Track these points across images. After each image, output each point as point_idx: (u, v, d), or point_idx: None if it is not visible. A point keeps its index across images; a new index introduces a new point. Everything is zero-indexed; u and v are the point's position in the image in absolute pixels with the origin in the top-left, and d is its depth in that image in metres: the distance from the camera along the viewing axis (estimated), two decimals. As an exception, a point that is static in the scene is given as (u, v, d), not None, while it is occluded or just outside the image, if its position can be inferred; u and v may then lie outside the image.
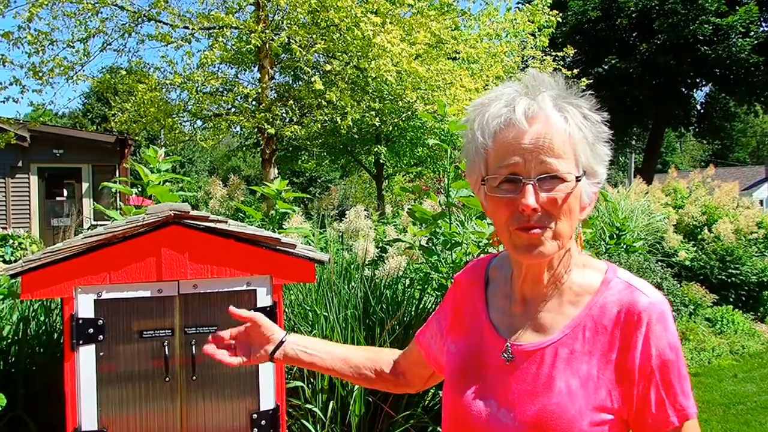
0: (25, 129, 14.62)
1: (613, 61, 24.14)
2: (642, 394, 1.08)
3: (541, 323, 1.16)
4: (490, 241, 3.12)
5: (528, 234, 1.09)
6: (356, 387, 2.79)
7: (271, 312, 2.25)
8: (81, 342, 2.07)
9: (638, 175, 13.13)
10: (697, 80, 25.95)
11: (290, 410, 2.69)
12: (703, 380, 5.89)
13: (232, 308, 1.38)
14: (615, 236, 7.33)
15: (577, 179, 1.09)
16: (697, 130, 28.56)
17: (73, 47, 9.41)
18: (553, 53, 12.07)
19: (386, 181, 18.61)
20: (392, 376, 1.48)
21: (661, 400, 1.08)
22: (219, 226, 2.20)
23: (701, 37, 22.61)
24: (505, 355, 1.16)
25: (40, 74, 9.14)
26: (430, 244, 3.48)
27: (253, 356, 1.42)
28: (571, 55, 12.58)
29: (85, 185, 18.18)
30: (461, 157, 1.22)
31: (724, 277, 8.45)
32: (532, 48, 11.95)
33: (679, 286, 7.63)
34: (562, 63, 11.58)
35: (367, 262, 4.02)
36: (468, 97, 8.35)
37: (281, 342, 1.43)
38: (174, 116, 9.99)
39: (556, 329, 1.14)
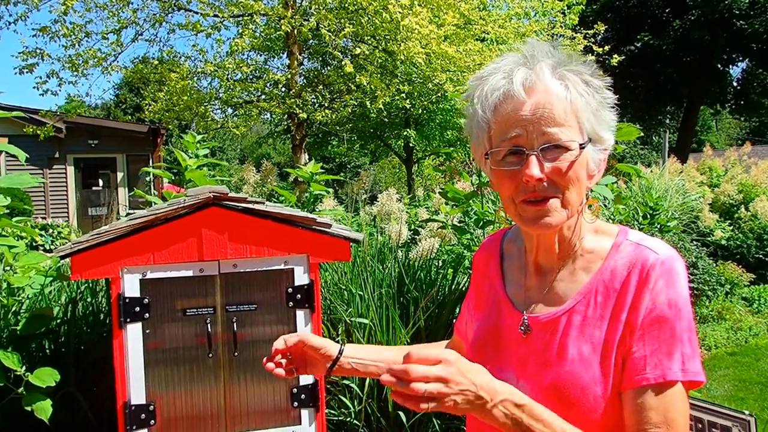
0: (61, 121, 14.91)
1: (646, 38, 23.66)
2: (630, 347, 1.06)
3: (555, 293, 1.16)
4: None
5: (534, 206, 1.08)
6: (392, 364, 2.84)
7: (308, 290, 2.31)
8: (128, 320, 2.16)
9: (672, 155, 12.90)
10: (734, 56, 25.32)
11: (328, 386, 2.76)
12: (740, 359, 5.83)
13: (276, 345, 1.33)
14: (649, 216, 7.25)
15: (582, 147, 1.08)
16: (733, 107, 27.90)
17: (107, 39, 9.59)
18: (584, 31, 11.90)
19: (416, 165, 18.60)
20: None
21: (643, 355, 1.05)
22: (257, 207, 2.26)
23: (737, 11, 22.02)
24: (522, 329, 1.16)
25: (76, 66, 9.34)
26: (463, 224, 3.51)
27: (309, 369, 1.40)
28: (602, 32, 12.38)
29: (119, 175, 18.53)
30: (466, 133, 1.22)
31: (761, 256, 8.30)
32: (561, 26, 11.80)
33: (714, 265, 7.54)
34: (593, 41, 11.40)
35: (400, 244, 4.06)
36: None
37: (337, 357, 1.38)
38: (206, 104, 10.12)
39: (569, 297, 1.13)
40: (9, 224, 2.35)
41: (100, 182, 18.87)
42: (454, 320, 3.13)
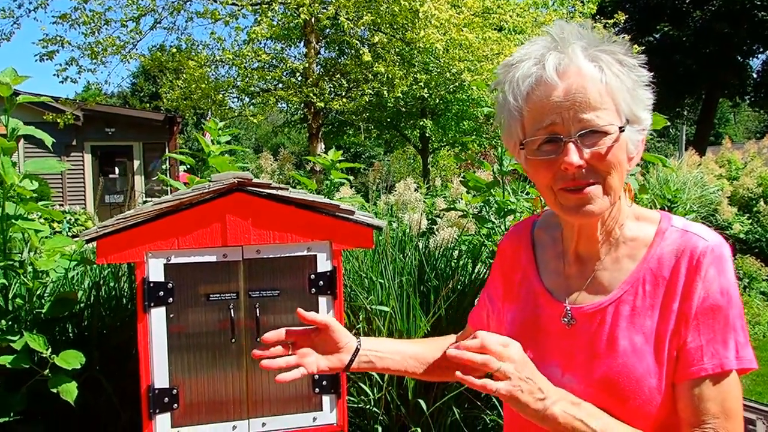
0: (78, 108, 15.02)
1: (665, 29, 23.38)
2: (684, 337, 1.03)
3: (599, 282, 1.12)
4: (544, 209, 3.11)
5: (575, 194, 1.05)
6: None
7: (331, 277, 2.31)
8: (152, 304, 2.17)
9: (690, 147, 12.78)
10: (754, 47, 24.95)
11: (349, 374, 2.76)
12: (758, 354, 5.77)
13: (300, 311, 1.23)
14: (666, 208, 7.19)
15: (621, 129, 1.04)
16: (753, 99, 27.54)
17: (126, 26, 9.63)
18: (603, 21, 11.78)
19: (431, 155, 18.56)
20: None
21: (699, 345, 1.02)
22: (281, 192, 2.26)
23: (759, 2, 21.69)
24: (565, 320, 1.12)
25: (96, 54, 9.39)
26: (483, 213, 3.49)
27: (320, 366, 1.27)
28: (622, 22, 12.26)
29: (136, 163, 18.66)
30: (496, 123, 1.19)
31: (780, 250, 8.21)
32: (580, 15, 11.69)
33: (733, 259, 7.46)
34: (612, 31, 11.26)
35: (419, 233, 4.06)
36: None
37: (356, 350, 1.29)
38: (223, 92, 10.15)
39: (615, 286, 1.10)
40: (36, 208, 2.37)
41: (117, 170, 19.00)
42: (475, 309, 3.13)
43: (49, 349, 2.24)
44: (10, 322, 2.44)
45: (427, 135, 16.42)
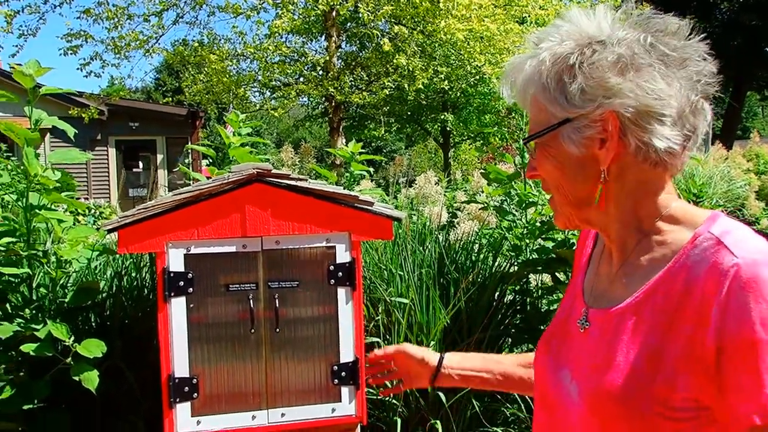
0: (103, 103, 15.20)
1: (692, 21, 23.00)
2: (718, 380, 0.87)
3: (617, 288, 1.02)
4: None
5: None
6: (432, 344, 2.83)
7: (350, 268, 2.31)
8: (173, 294, 2.18)
9: (717, 141, 12.58)
10: (784, 39, 24.47)
11: (368, 365, 2.75)
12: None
13: (372, 355, 1.52)
14: (692, 203, 7.08)
15: (544, 132, 0.98)
16: (782, 92, 27.03)
17: (149, 21, 9.72)
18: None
19: (452, 149, 18.49)
20: None
21: (739, 388, 0.85)
22: (300, 183, 2.26)
23: (789, -7, 21.26)
24: (580, 322, 1.05)
25: (119, 48, 9.49)
26: (504, 205, 3.47)
27: (414, 382, 1.46)
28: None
29: (159, 157, 18.86)
30: None
31: (810, 246, 8.05)
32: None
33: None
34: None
35: (439, 226, 4.04)
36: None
37: (438, 366, 1.42)
38: (244, 86, 10.20)
39: (630, 294, 0.98)
40: (59, 198, 2.40)
41: (140, 164, 19.23)
42: (495, 302, 3.12)
43: (72, 338, 2.27)
44: (34, 311, 2.47)
45: (448, 129, 16.37)
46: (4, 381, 2.28)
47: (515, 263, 3.21)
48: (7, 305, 2.50)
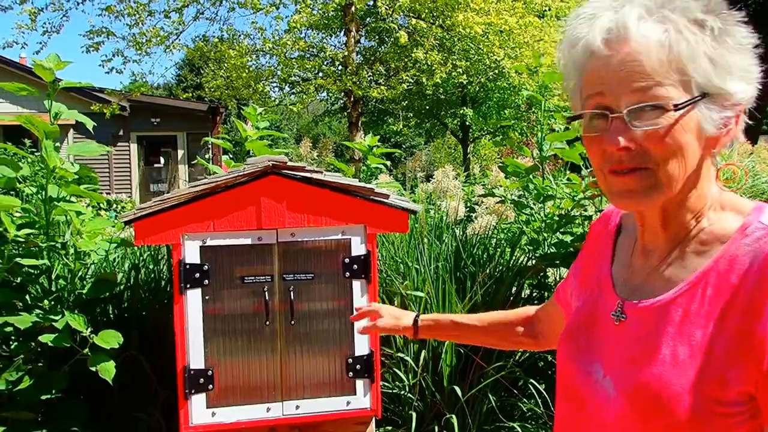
0: (125, 99, 15.36)
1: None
2: (762, 370, 0.83)
3: (658, 279, 0.97)
4: (585, 195, 3.04)
5: (620, 178, 0.91)
6: (448, 338, 2.82)
7: (365, 261, 2.30)
8: (188, 286, 2.19)
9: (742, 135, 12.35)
10: (812, 31, 23.99)
11: (383, 359, 2.75)
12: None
13: (353, 317, 1.72)
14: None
15: (680, 106, 0.86)
16: (809, 86, 26.51)
17: (169, 17, 9.79)
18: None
19: (472, 144, 18.41)
20: (529, 339, 1.43)
21: None
22: (315, 176, 2.25)
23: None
24: (614, 315, 1.00)
25: (140, 45, 9.57)
26: (522, 198, 3.43)
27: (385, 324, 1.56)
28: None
29: (180, 152, 19.01)
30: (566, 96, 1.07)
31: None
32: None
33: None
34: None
35: (456, 220, 4.02)
36: (559, 53, 8.06)
37: (416, 321, 1.53)
38: (263, 81, 10.24)
39: (674, 286, 0.94)
40: (78, 190, 2.42)
41: (162, 159, 19.40)
42: (512, 296, 3.09)
43: (90, 329, 2.29)
44: (53, 302, 2.49)
45: (467, 124, 16.29)
46: (22, 371, 2.30)
47: (533, 257, 3.18)
48: (27, 296, 2.54)
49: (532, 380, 2.85)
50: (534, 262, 3.14)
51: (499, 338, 1.49)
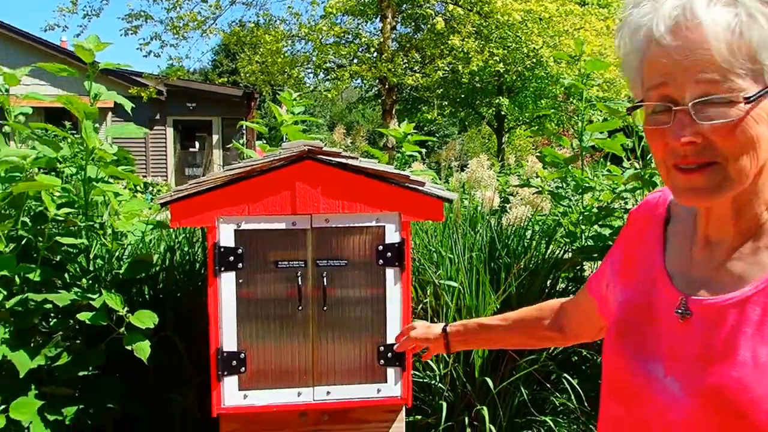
0: (162, 83, 15.54)
1: None
2: None
3: (728, 274, 0.91)
4: (626, 187, 2.97)
5: (686, 174, 0.86)
6: (480, 329, 2.79)
7: (399, 248, 2.28)
8: (223, 269, 2.20)
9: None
10: None
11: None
12: None
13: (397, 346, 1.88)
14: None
15: (758, 96, 0.81)
16: None
17: (207, 1, 9.85)
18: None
19: (507, 134, 18.23)
20: (555, 332, 1.38)
21: None
22: (351, 162, 2.24)
23: None
24: (679, 311, 0.93)
25: (177, 29, 9.66)
26: (560, 190, 3.37)
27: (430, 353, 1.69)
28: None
29: (215, 137, 19.20)
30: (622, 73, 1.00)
31: None
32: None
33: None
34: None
35: (491, 210, 3.98)
36: (599, 42, 7.92)
37: (444, 331, 1.58)
38: (299, 67, 10.26)
39: (747, 282, 0.88)
40: (115, 171, 2.44)
41: (197, 144, 19.63)
42: (547, 289, 3.04)
43: (126, 309, 2.32)
44: (90, 281, 2.53)
45: (502, 113, 16.11)
46: (61, 347, 2.35)
47: (569, 250, 3.13)
48: (66, 275, 2.58)
49: (565, 374, 2.81)
50: (570, 254, 3.09)
51: (524, 335, 1.46)
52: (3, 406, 2.21)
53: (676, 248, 1.02)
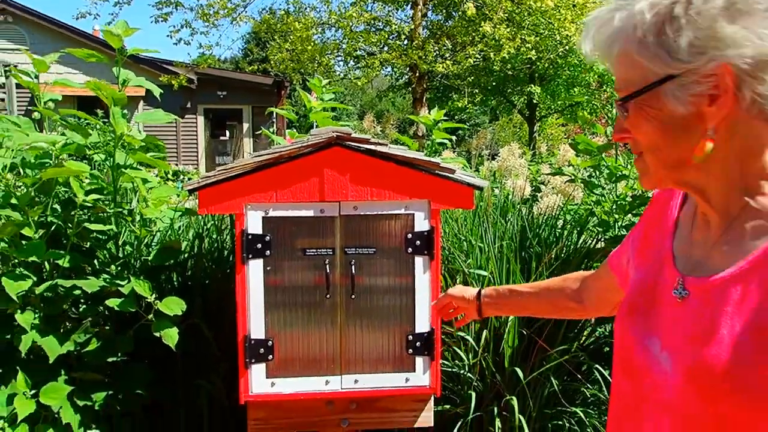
0: (193, 72, 15.65)
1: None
2: None
3: (717, 254, 0.95)
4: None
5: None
6: (510, 319, 2.74)
7: (428, 237, 2.24)
8: (250, 256, 2.18)
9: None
10: None
11: (443, 337, 2.70)
12: None
13: (434, 305, 1.82)
14: None
15: (635, 94, 0.90)
16: None
17: (237, -11, 9.87)
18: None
19: (538, 123, 17.98)
20: (576, 303, 1.44)
21: None
22: (379, 148, 2.20)
23: None
24: (677, 291, 0.97)
25: (207, 16, 9.70)
26: (593, 178, 3.29)
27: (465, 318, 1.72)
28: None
29: (245, 125, 19.32)
30: None
31: None
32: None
33: None
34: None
35: (522, 199, 3.91)
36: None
37: (479, 294, 1.63)
38: (329, 54, 10.23)
39: (732, 263, 0.91)
40: (144, 158, 2.44)
41: (227, 132, 19.77)
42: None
43: (154, 295, 2.32)
44: (119, 268, 2.54)
45: (534, 102, 15.88)
46: (90, 333, 2.36)
47: (602, 239, 3.05)
48: (95, 261, 2.59)
49: (597, 365, 2.75)
50: (603, 244, 3.02)
51: (549, 304, 1.52)
52: (33, 391, 2.24)
53: (683, 231, 1.06)
